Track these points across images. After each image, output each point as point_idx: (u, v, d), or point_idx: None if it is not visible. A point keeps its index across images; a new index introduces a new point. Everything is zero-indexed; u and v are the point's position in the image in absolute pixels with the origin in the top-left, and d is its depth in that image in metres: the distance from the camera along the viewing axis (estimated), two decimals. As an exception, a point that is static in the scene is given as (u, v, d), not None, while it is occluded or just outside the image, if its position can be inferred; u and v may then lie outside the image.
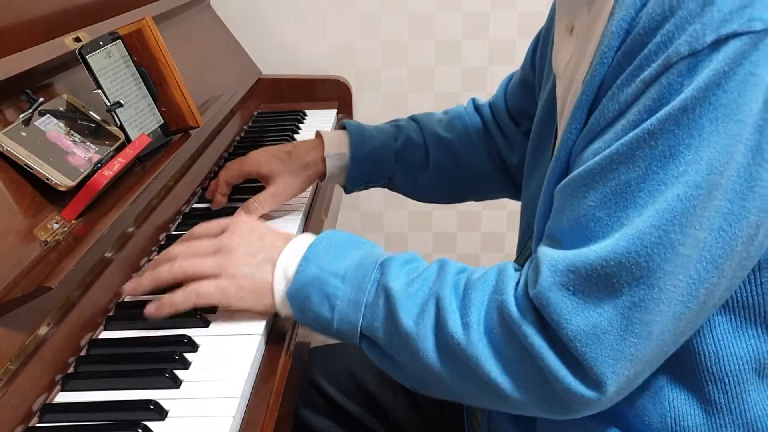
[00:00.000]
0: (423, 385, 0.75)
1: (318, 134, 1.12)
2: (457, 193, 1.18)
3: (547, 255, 0.66)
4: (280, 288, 0.77)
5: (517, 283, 0.69)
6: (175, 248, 0.82)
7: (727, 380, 0.70)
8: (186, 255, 0.80)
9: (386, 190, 1.17)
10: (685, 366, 0.71)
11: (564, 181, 0.68)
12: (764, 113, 0.60)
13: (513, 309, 0.67)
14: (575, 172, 0.66)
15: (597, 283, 0.63)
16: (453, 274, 0.73)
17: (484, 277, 0.71)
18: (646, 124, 0.61)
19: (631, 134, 0.62)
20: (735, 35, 0.59)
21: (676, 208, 0.61)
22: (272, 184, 1.05)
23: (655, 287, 0.62)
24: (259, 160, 1.07)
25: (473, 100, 1.18)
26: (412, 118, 1.16)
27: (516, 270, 0.72)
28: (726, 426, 0.71)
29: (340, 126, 1.14)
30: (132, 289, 0.82)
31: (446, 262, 0.75)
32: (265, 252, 0.79)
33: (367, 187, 1.14)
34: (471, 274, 0.73)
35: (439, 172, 1.13)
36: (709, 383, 0.70)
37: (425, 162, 1.12)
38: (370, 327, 0.73)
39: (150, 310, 0.78)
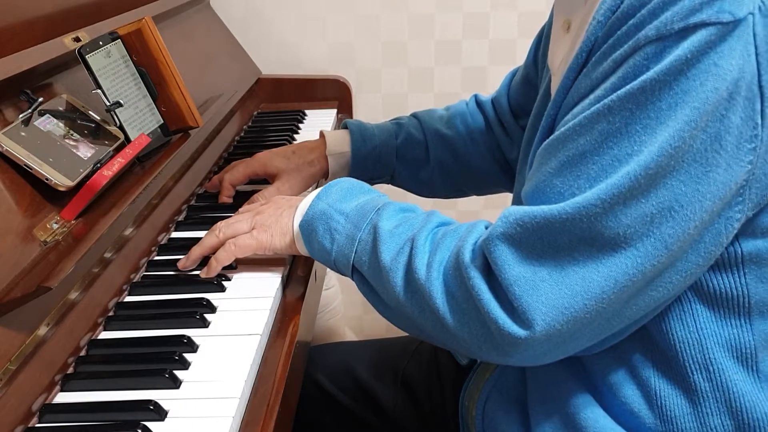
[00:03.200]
0: (396, 319, 0.80)
1: (321, 134, 1.15)
2: (457, 188, 1.20)
3: (506, 209, 0.71)
4: (296, 224, 0.86)
5: (480, 236, 0.73)
6: (219, 222, 0.92)
7: (711, 368, 0.71)
8: (227, 223, 0.91)
9: (387, 185, 1.19)
10: (669, 355, 0.72)
11: (538, 149, 0.73)
12: (728, 104, 0.62)
13: (467, 254, 0.71)
14: (545, 142, 0.71)
15: (541, 237, 0.67)
16: (435, 223, 0.79)
17: (458, 227, 0.77)
18: (606, 100, 0.65)
19: (592, 109, 0.66)
20: (703, 25, 0.62)
21: (623, 185, 0.63)
22: (277, 180, 1.09)
23: (593, 248, 0.65)
24: (265, 159, 1.11)
25: (475, 96, 1.20)
26: (414, 115, 1.19)
27: (486, 228, 0.76)
28: (712, 414, 0.72)
29: (342, 125, 1.17)
30: (183, 263, 0.91)
31: (434, 213, 0.81)
32: (287, 205, 0.90)
33: (371, 184, 1.15)
34: (451, 225, 0.79)
35: (440, 168, 1.15)
36: (695, 372, 0.72)
37: (425, 158, 1.15)
38: (359, 261, 0.80)
39: (203, 273, 0.89)
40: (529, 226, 0.67)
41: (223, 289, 0.87)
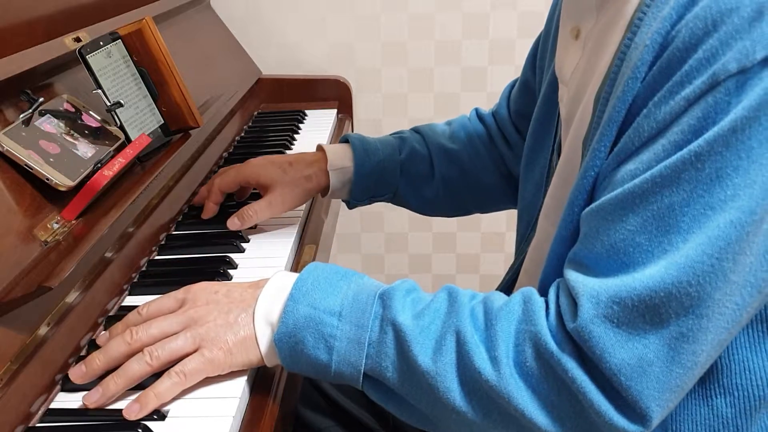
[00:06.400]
0: (437, 425, 0.70)
1: (320, 147, 1.09)
2: (462, 206, 1.16)
3: (585, 285, 0.63)
4: (265, 336, 0.71)
5: (547, 312, 0.66)
6: (132, 334, 0.71)
7: (736, 394, 0.68)
8: (153, 342, 0.70)
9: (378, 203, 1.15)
10: None
11: (596, 204, 0.65)
12: None
13: (549, 341, 0.64)
14: (611, 195, 0.63)
15: (643, 314, 0.60)
16: (466, 303, 0.69)
17: (507, 306, 0.68)
18: (692, 146, 0.59)
19: (676, 156, 0.59)
20: None
21: (730, 235, 0.58)
22: (270, 193, 1.02)
23: (704, 317, 0.60)
24: (259, 168, 1.04)
25: (476, 110, 1.17)
26: (415, 130, 1.14)
27: (541, 297, 0.69)
28: None
29: (342, 139, 1.12)
30: (98, 400, 0.68)
31: (454, 289, 0.71)
32: (237, 306, 0.72)
33: (370, 202, 1.12)
34: (488, 302, 0.69)
35: (445, 184, 1.11)
36: (718, 396, 0.68)
37: (430, 174, 1.10)
38: (376, 367, 0.68)
39: (133, 410, 0.66)
40: (628, 303, 0.60)
41: (223, 289, 0.87)
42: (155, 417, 0.67)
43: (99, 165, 0.86)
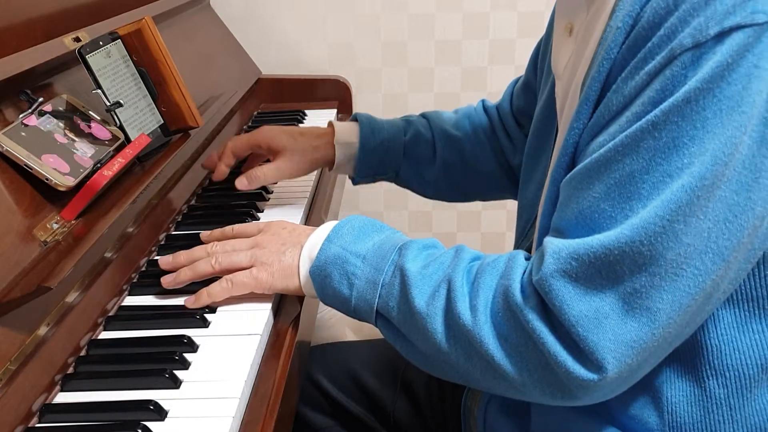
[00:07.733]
0: (433, 366, 0.76)
1: (330, 123, 1.15)
2: (461, 191, 1.19)
3: (551, 243, 0.67)
4: (304, 268, 0.82)
5: (524, 271, 0.70)
6: (213, 245, 0.87)
7: (728, 375, 0.70)
8: (224, 251, 0.85)
9: (386, 189, 1.18)
10: (686, 360, 0.71)
11: (570, 173, 0.69)
12: None
13: (517, 294, 0.68)
14: (580, 165, 0.67)
15: (599, 270, 0.64)
16: (468, 260, 0.75)
17: (494, 262, 0.73)
18: (650, 116, 0.62)
19: (635, 126, 0.63)
20: (738, 27, 0.60)
21: (681, 199, 0.61)
22: (279, 158, 1.08)
23: (656, 275, 0.63)
24: (271, 134, 1.10)
25: (483, 101, 1.20)
26: (423, 115, 1.19)
27: (527, 258, 0.73)
28: (724, 422, 0.71)
29: (352, 117, 1.17)
30: (170, 282, 0.86)
31: (463, 248, 0.77)
32: (292, 241, 0.84)
33: (374, 180, 1.16)
34: (485, 260, 0.74)
35: (445, 168, 1.15)
36: (710, 378, 0.70)
37: (432, 157, 1.14)
38: (385, 306, 0.76)
39: (189, 301, 0.84)
40: (585, 259, 0.64)
41: (223, 289, 0.87)
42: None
43: (98, 165, 0.86)
